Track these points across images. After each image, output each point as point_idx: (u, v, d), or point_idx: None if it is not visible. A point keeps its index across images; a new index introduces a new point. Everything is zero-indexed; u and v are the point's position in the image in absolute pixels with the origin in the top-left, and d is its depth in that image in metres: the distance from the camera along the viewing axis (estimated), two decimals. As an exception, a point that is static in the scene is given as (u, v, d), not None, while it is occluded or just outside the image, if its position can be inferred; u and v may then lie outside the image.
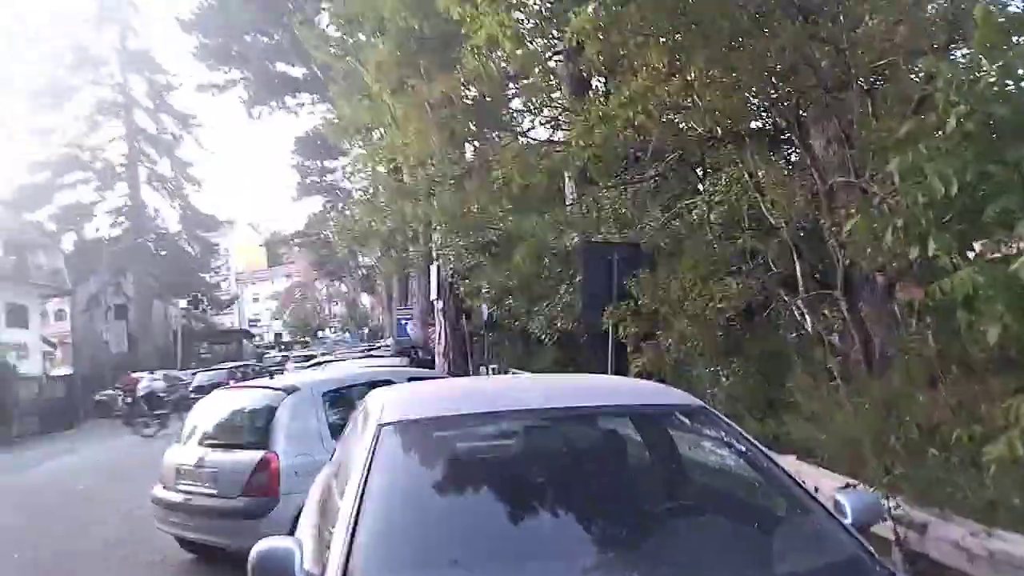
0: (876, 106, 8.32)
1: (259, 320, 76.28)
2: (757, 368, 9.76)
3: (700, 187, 12.31)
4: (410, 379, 6.21)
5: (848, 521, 2.12)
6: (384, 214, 9.58)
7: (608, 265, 8.57)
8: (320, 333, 72.37)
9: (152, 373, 25.76)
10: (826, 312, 10.63)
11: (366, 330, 65.08)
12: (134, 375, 26.08)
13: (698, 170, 13.04)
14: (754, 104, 9.32)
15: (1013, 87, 3.68)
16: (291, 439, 5.30)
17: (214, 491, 5.56)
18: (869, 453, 4.43)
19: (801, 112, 8.71)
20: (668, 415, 2.62)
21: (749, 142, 10.09)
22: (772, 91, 8.58)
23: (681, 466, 2.58)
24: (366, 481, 2.14)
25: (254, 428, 5.66)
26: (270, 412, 5.47)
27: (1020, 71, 3.70)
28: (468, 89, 8.65)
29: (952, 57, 6.43)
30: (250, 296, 76.98)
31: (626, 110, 5.52)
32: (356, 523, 2.01)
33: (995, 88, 3.63)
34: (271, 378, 6.43)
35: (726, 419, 2.53)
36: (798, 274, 9.81)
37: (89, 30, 42.59)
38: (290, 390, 5.59)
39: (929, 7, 8.08)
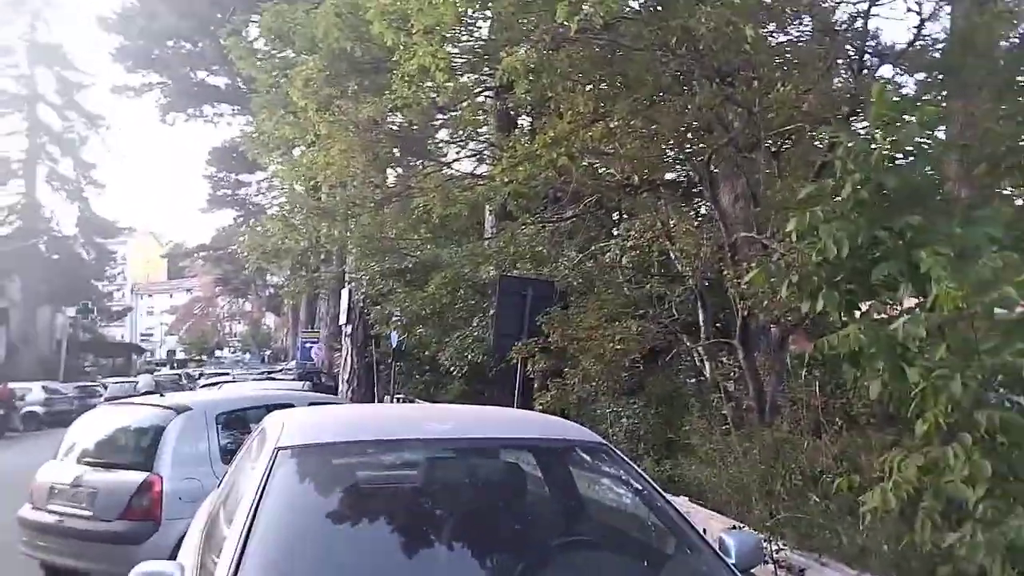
0: (781, 168, 8.83)
1: (152, 334, 72.56)
2: (657, 410, 10.04)
3: (615, 231, 12.69)
4: (311, 404, 6.03)
5: (732, 561, 2.20)
6: (299, 232, 9.37)
7: (522, 300, 8.66)
8: (218, 352, 69.44)
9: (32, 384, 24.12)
10: (724, 359, 11.07)
11: (268, 352, 62.92)
12: (10, 386, 24.26)
13: (614, 215, 13.44)
14: (669, 156, 9.73)
15: (902, 160, 3.98)
16: (178, 461, 5.02)
17: (90, 513, 5.19)
18: (755, 497, 4.60)
19: (712, 168, 9.14)
20: (570, 450, 2.65)
21: (663, 192, 10.50)
22: (687, 145, 8.98)
23: (579, 501, 2.61)
24: (258, 507, 2.05)
25: (139, 448, 5.34)
26: (157, 432, 5.17)
27: (908, 147, 4.02)
28: (396, 115, 8.62)
29: (853, 128, 6.91)
30: (145, 308, 73.24)
31: (550, 151, 5.64)
32: (243, 551, 1.92)
33: (886, 160, 3.92)
34: (162, 395, 6.06)
35: (625, 458, 2.58)
36: (700, 321, 10.20)
37: (-7, 16, 40.25)
38: (181, 409, 5.31)
39: (836, 80, 8.69)
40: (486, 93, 11.60)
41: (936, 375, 3.49)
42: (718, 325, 10.42)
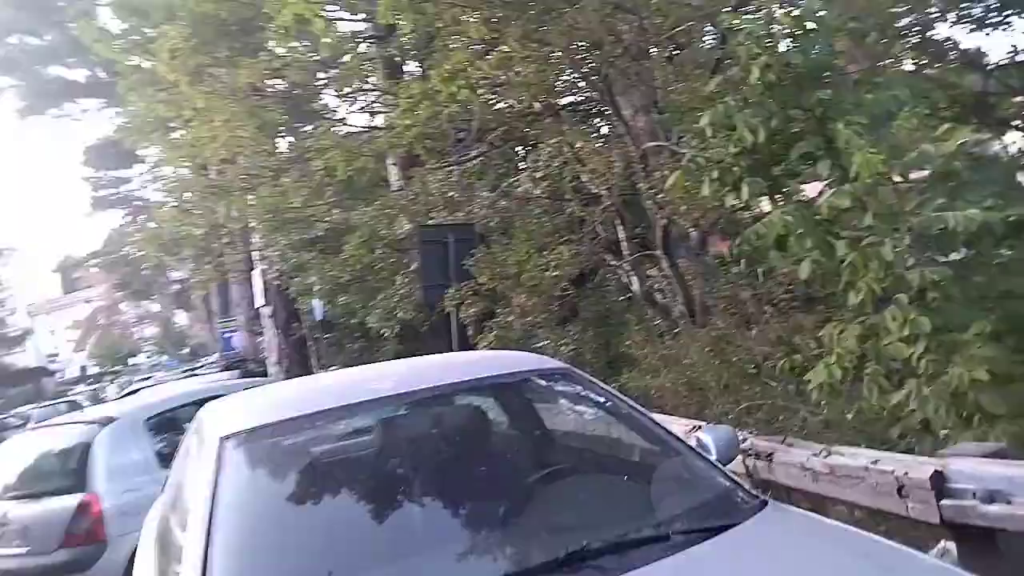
0: (677, 72, 8.82)
1: (58, 355, 68.56)
2: (593, 332, 10.14)
3: (522, 164, 12.50)
4: (245, 389, 5.75)
5: (714, 458, 2.17)
6: (194, 217, 8.78)
7: (443, 247, 8.46)
8: (132, 360, 66.34)
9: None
10: (648, 272, 11.23)
11: (186, 350, 60.55)
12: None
13: (519, 148, 13.25)
14: (566, 78, 9.56)
15: (803, 38, 3.97)
16: (113, 476, 4.68)
17: (26, 549, 4.81)
18: (713, 395, 4.67)
19: (610, 83, 9.06)
20: (529, 380, 2.54)
21: (565, 116, 10.37)
22: (582, 64, 8.83)
23: (550, 431, 2.52)
24: (212, 505, 1.86)
25: (67, 470, 4.94)
26: (84, 449, 4.79)
27: (808, 24, 4.00)
28: (277, 78, 8.08)
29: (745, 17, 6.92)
30: (45, 328, 68.94)
31: (448, 85, 5.38)
32: (206, 554, 1.74)
33: (790, 40, 3.89)
34: (81, 411, 5.62)
35: (589, 377, 2.49)
36: (620, 238, 10.28)
37: None
38: (104, 421, 4.93)
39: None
40: (367, 43, 11.07)
41: (865, 243, 3.56)
42: (636, 240, 10.55)
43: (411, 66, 12.42)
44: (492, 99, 7.80)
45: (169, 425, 5.18)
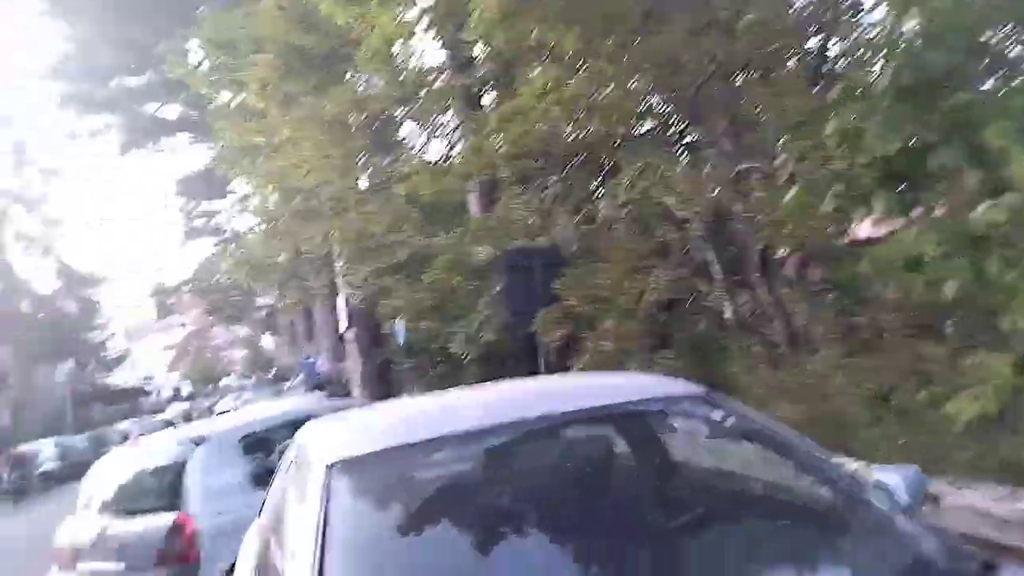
0: (773, 90, 8.47)
1: (153, 376, 71.86)
2: (688, 360, 9.72)
3: (601, 190, 12.25)
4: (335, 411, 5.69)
5: (904, 502, 1.80)
6: (282, 243, 8.95)
7: (529, 272, 8.30)
8: (222, 381, 68.87)
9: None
10: (741, 299, 10.74)
11: (272, 373, 62.41)
12: (21, 448, 23.81)
13: (601, 173, 13.02)
14: (653, 99, 9.31)
15: (938, 38, 3.62)
16: (207, 496, 4.66)
17: (123, 566, 4.83)
18: (852, 428, 4.26)
19: (698, 104, 8.77)
20: (669, 406, 2.21)
21: (650, 139, 10.10)
22: (670, 85, 8.58)
23: (696, 466, 2.21)
24: (321, 537, 1.69)
25: (162, 488, 4.96)
26: (179, 467, 4.80)
27: (941, 22, 3.66)
28: (360, 110, 8.17)
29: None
30: (142, 352, 72.46)
31: (539, 101, 5.24)
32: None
33: (921, 37, 3.57)
34: (174, 427, 5.65)
35: (737, 402, 2.19)
36: (714, 263, 9.87)
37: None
38: (199, 440, 4.92)
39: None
40: (448, 72, 11.17)
41: (1026, 263, 3.17)
42: (727, 265, 10.13)
43: (489, 97, 12.44)
44: (578, 120, 7.62)
45: (263, 446, 5.14)
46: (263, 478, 4.99)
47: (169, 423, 28.04)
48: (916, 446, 3.59)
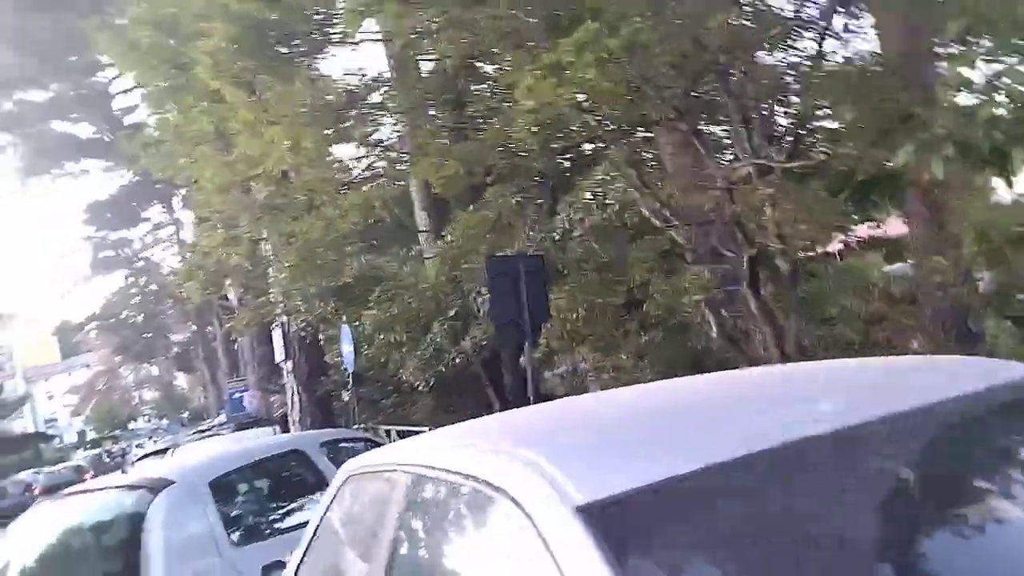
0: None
1: (56, 420, 66.77)
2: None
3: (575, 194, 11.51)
4: (322, 444, 4.64)
5: None
6: (240, 245, 7.81)
7: (514, 280, 7.42)
8: (131, 424, 64.52)
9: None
10: (724, 310, 10.22)
11: (186, 413, 58.86)
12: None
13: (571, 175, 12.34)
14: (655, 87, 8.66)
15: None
16: (175, 558, 3.52)
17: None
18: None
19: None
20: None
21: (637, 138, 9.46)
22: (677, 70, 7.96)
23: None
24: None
25: (111, 552, 3.79)
26: (134, 522, 3.63)
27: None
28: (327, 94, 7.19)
29: None
30: (44, 393, 67.26)
31: (580, 56, 4.40)
32: None
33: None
34: (123, 471, 4.38)
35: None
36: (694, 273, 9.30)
37: None
38: (159, 485, 3.75)
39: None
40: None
41: None
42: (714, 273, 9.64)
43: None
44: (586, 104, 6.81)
45: (237, 490, 4.07)
46: (243, 531, 3.92)
47: (80, 470, 25.55)
48: None
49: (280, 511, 4.18)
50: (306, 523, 4.19)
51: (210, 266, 8.68)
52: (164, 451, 10.94)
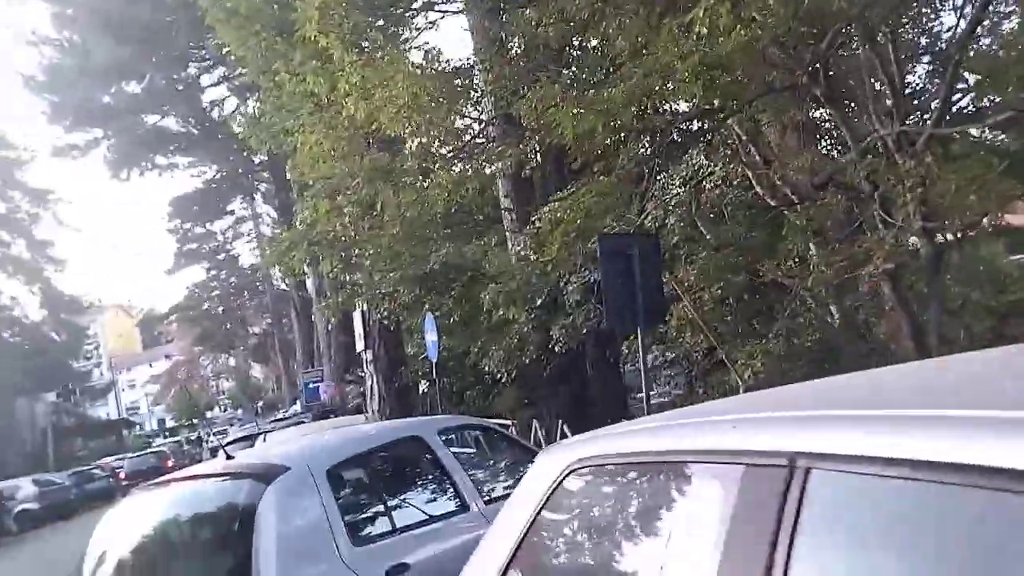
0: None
1: (138, 407, 69.34)
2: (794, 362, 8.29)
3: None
4: (439, 432, 4.10)
5: None
6: (344, 215, 7.37)
7: (627, 261, 6.77)
8: (209, 413, 66.44)
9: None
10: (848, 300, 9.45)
11: (260, 404, 60.19)
12: (-3, 485, 21.90)
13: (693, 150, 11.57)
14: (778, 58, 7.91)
15: None
16: (290, 555, 3.03)
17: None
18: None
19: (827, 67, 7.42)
20: None
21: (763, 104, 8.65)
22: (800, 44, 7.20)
23: None
24: None
25: (217, 547, 3.32)
26: (245, 516, 3.14)
27: None
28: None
29: None
30: (126, 382, 69.94)
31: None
32: None
33: None
34: (229, 456, 3.89)
35: None
36: (812, 256, 8.48)
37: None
38: (272, 473, 3.27)
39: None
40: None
41: None
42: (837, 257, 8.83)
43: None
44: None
45: (357, 481, 3.57)
46: (360, 525, 3.41)
47: (162, 455, 26.16)
48: None
49: (400, 506, 3.66)
50: (429, 519, 3.69)
51: (313, 237, 8.29)
52: (251, 437, 10.66)
